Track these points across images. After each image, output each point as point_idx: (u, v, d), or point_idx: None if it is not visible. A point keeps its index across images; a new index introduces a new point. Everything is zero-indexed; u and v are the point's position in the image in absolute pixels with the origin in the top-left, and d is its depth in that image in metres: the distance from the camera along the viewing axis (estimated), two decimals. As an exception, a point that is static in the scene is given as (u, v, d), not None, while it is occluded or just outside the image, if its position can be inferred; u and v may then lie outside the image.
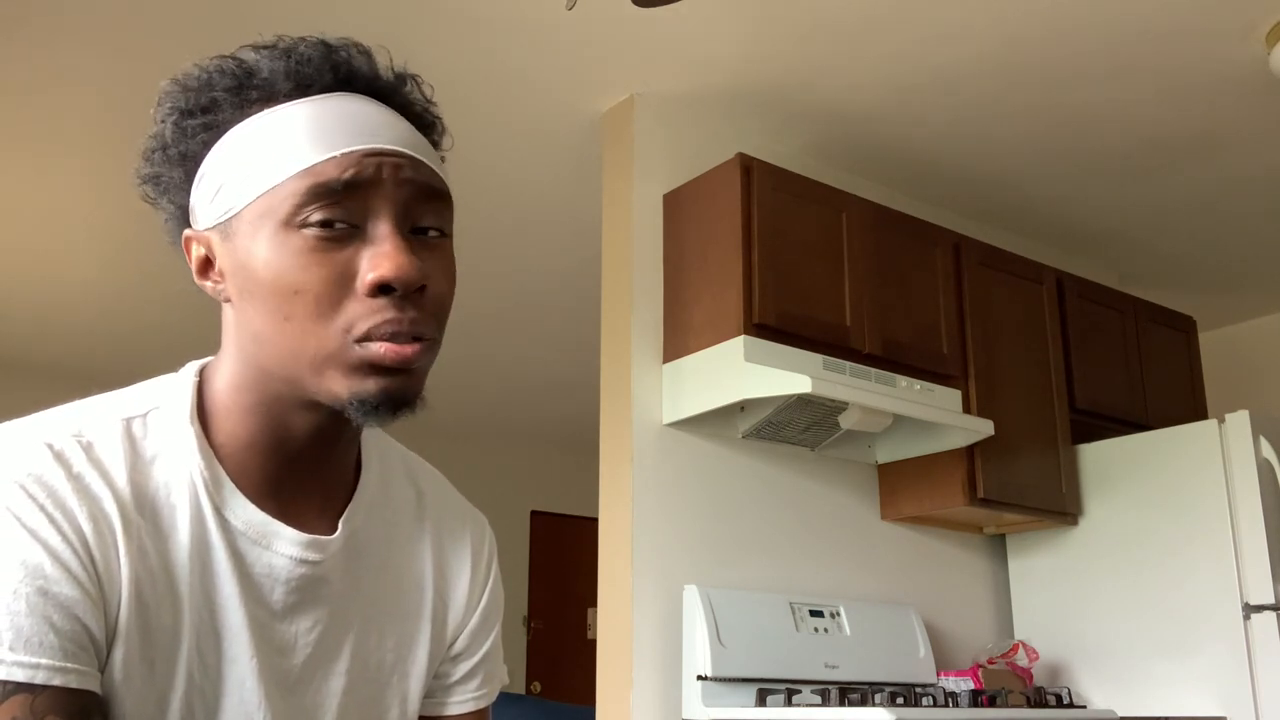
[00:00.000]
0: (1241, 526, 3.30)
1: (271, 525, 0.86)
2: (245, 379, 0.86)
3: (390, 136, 0.83)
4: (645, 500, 3.03)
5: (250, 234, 0.82)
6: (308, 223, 0.80)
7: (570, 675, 6.93)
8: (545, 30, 3.06)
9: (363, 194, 0.81)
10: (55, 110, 3.42)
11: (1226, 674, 3.26)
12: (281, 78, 0.83)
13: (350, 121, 0.82)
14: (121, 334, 5.29)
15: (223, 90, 0.84)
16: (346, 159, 0.81)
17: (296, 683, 0.89)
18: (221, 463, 0.86)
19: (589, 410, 3.71)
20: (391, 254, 0.80)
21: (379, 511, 0.96)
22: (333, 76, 0.85)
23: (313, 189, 0.80)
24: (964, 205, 4.10)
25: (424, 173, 0.85)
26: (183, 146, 0.85)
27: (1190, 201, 4.11)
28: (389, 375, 0.81)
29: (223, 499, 0.85)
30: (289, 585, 0.87)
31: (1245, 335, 5.32)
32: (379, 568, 0.95)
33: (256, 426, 0.86)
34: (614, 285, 3.28)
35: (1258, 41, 3.11)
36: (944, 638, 3.61)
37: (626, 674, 2.91)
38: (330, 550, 0.89)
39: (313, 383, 0.82)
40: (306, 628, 0.89)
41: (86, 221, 4.19)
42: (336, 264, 0.80)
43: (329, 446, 0.89)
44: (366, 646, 0.93)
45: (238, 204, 0.82)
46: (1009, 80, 3.31)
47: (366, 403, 0.81)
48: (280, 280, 0.80)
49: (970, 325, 3.53)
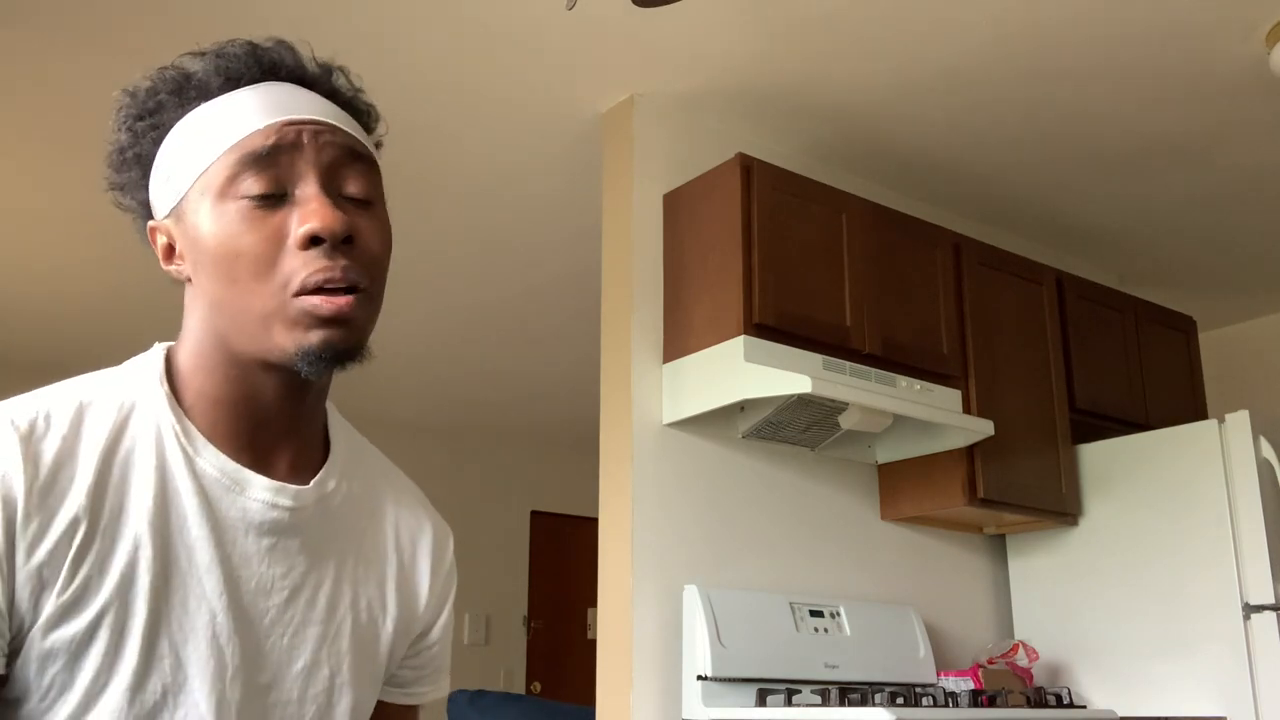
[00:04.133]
0: (1241, 526, 3.31)
1: (243, 472, 0.93)
2: (208, 345, 0.93)
3: (310, 109, 0.92)
4: (645, 500, 3.03)
5: (195, 210, 0.90)
6: (241, 193, 0.89)
7: (570, 675, 6.93)
8: (545, 30, 3.06)
9: (288, 159, 0.90)
10: (54, 110, 3.42)
11: (1226, 674, 3.26)
12: (213, 75, 0.93)
13: (274, 101, 0.92)
14: (120, 334, 5.29)
15: (166, 94, 0.94)
16: (269, 129, 0.90)
17: (273, 624, 0.94)
18: (193, 419, 0.93)
19: (589, 410, 3.71)
20: (318, 209, 0.88)
21: (352, 484, 1.02)
22: (259, 69, 0.94)
23: (241, 159, 0.89)
24: (964, 205, 4.10)
25: (344, 137, 0.93)
26: (137, 148, 0.95)
27: (1190, 201, 4.11)
28: (329, 326, 0.88)
29: (195, 449, 0.91)
30: (262, 529, 0.93)
31: (1245, 335, 5.32)
32: (351, 533, 1.01)
33: (223, 384, 0.93)
34: (614, 285, 3.28)
35: (1258, 41, 3.11)
36: (944, 638, 3.61)
37: (626, 674, 2.91)
38: (303, 500, 0.95)
39: (263, 340, 0.89)
40: (281, 572, 0.94)
41: (85, 221, 4.19)
42: (270, 226, 0.88)
43: (295, 405, 0.95)
44: (342, 602, 0.98)
45: (183, 186, 0.91)
46: (1009, 80, 3.31)
47: (309, 353, 0.88)
48: (223, 247, 0.89)
49: (970, 325, 3.53)
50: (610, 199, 3.38)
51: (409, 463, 5.30)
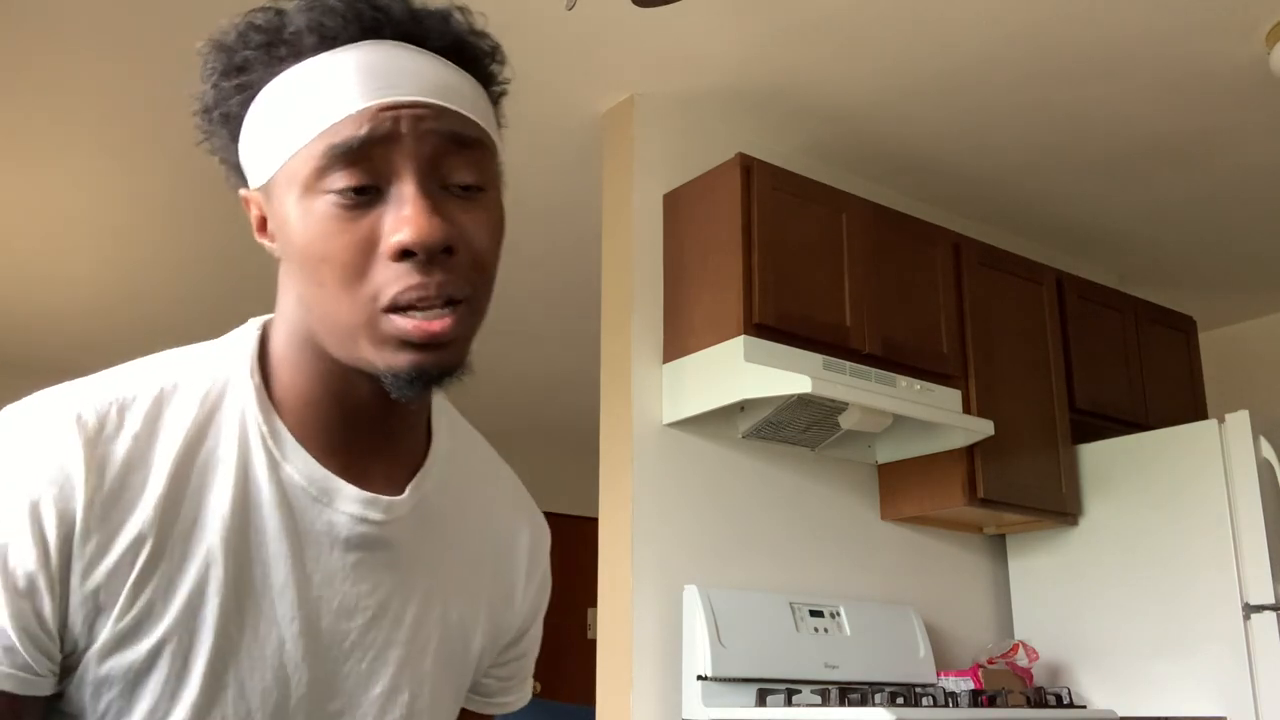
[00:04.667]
0: (1241, 526, 3.30)
1: (332, 481, 0.84)
2: (296, 335, 0.84)
3: (413, 84, 0.79)
4: (645, 500, 3.03)
5: (282, 198, 0.80)
6: (329, 189, 0.77)
7: (570, 675, 6.92)
8: (545, 30, 3.06)
9: (383, 151, 0.77)
10: (54, 110, 3.42)
11: (1226, 674, 3.26)
12: (305, 31, 0.79)
13: (370, 74, 0.78)
14: (120, 334, 5.29)
15: (255, 49, 0.81)
16: (361, 115, 0.77)
17: (354, 647, 0.86)
18: (283, 417, 0.84)
19: (589, 410, 3.71)
20: (412, 217, 0.76)
21: (450, 484, 0.93)
22: (359, 25, 0.80)
23: (329, 151, 0.77)
24: (964, 205, 4.10)
25: (451, 121, 0.80)
26: (223, 109, 0.83)
27: (1190, 201, 4.11)
28: (421, 350, 0.78)
29: (283, 452, 0.83)
30: (349, 544, 0.84)
31: (1245, 335, 5.32)
32: (446, 541, 0.92)
33: (316, 382, 0.84)
34: (614, 285, 3.28)
35: (1258, 41, 3.11)
36: (944, 638, 3.60)
37: (626, 674, 2.91)
38: (396, 513, 0.86)
39: (350, 350, 0.80)
40: (367, 590, 0.86)
41: (85, 221, 4.19)
42: (360, 229, 0.77)
43: (393, 410, 0.85)
44: (430, 617, 0.90)
45: (271, 168, 0.80)
46: (1009, 80, 3.30)
47: (400, 376, 0.78)
48: (310, 248, 0.78)
49: (970, 325, 3.53)
50: (610, 199, 3.38)
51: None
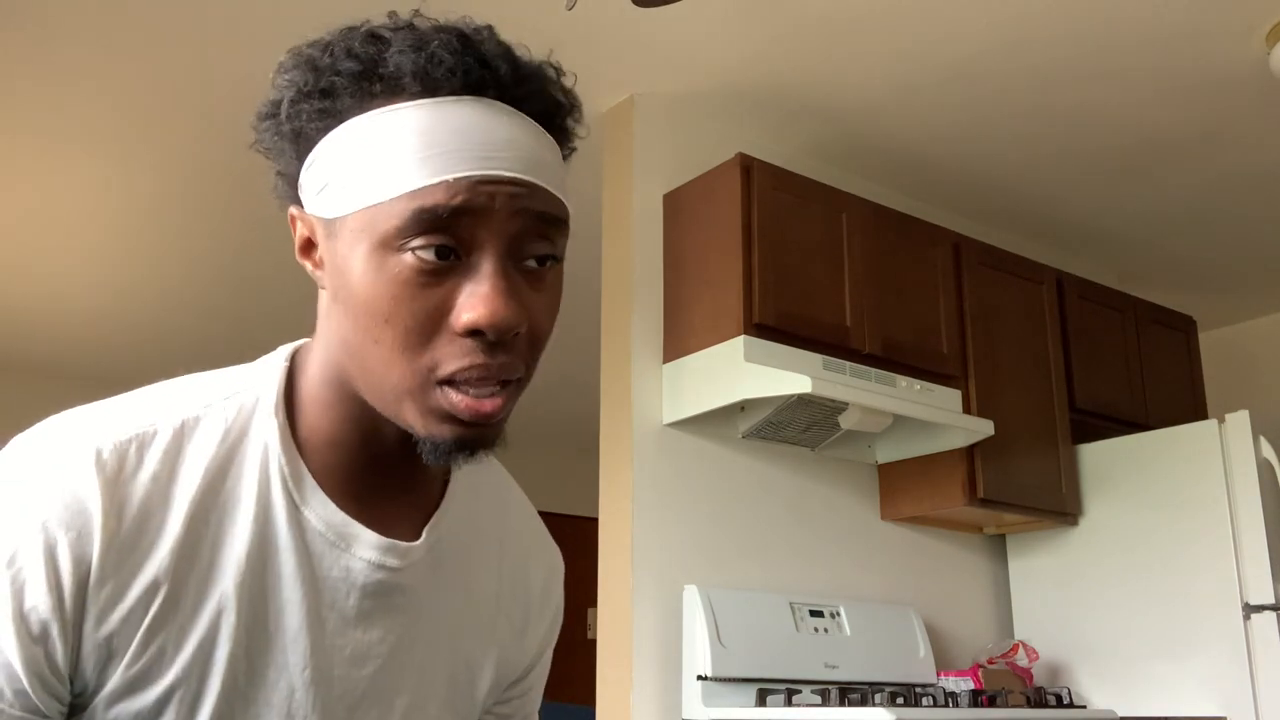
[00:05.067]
0: (1241, 526, 3.30)
1: (351, 527, 0.82)
2: (330, 375, 0.82)
3: (510, 159, 0.77)
4: (645, 500, 3.03)
5: (351, 243, 0.77)
6: (408, 248, 0.75)
7: (570, 675, 6.92)
8: (545, 30, 3.05)
9: (471, 223, 0.75)
10: (57, 110, 3.42)
11: (1226, 674, 3.25)
12: (409, 75, 0.76)
13: (469, 139, 0.75)
14: (121, 334, 5.29)
15: (346, 76, 0.77)
16: (458, 184, 0.74)
17: (362, 696, 0.84)
18: (305, 457, 0.82)
19: (589, 410, 3.71)
20: (490, 297, 0.75)
21: (463, 524, 0.92)
22: (463, 79, 0.77)
23: (417, 214, 0.74)
24: (964, 205, 4.10)
25: (541, 201, 0.78)
26: (297, 125, 0.79)
27: (1190, 201, 4.10)
28: (465, 426, 0.77)
29: (303, 496, 0.81)
30: (365, 591, 0.83)
31: (1245, 335, 5.32)
32: (457, 582, 0.91)
33: (342, 424, 0.83)
34: (614, 285, 3.28)
35: (1258, 41, 3.11)
36: (944, 638, 3.60)
37: (626, 674, 2.91)
38: (412, 558, 0.85)
39: (392, 408, 0.78)
40: (378, 638, 0.85)
41: (87, 221, 4.18)
42: (432, 297, 0.75)
43: (416, 456, 0.82)
44: (437, 662, 0.89)
45: (344, 209, 0.77)
46: (1009, 80, 3.30)
47: (439, 446, 0.77)
48: (373, 304, 0.76)
49: (970, 325, 3.53)
50: (610, 199, 3.38)
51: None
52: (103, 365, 5.68)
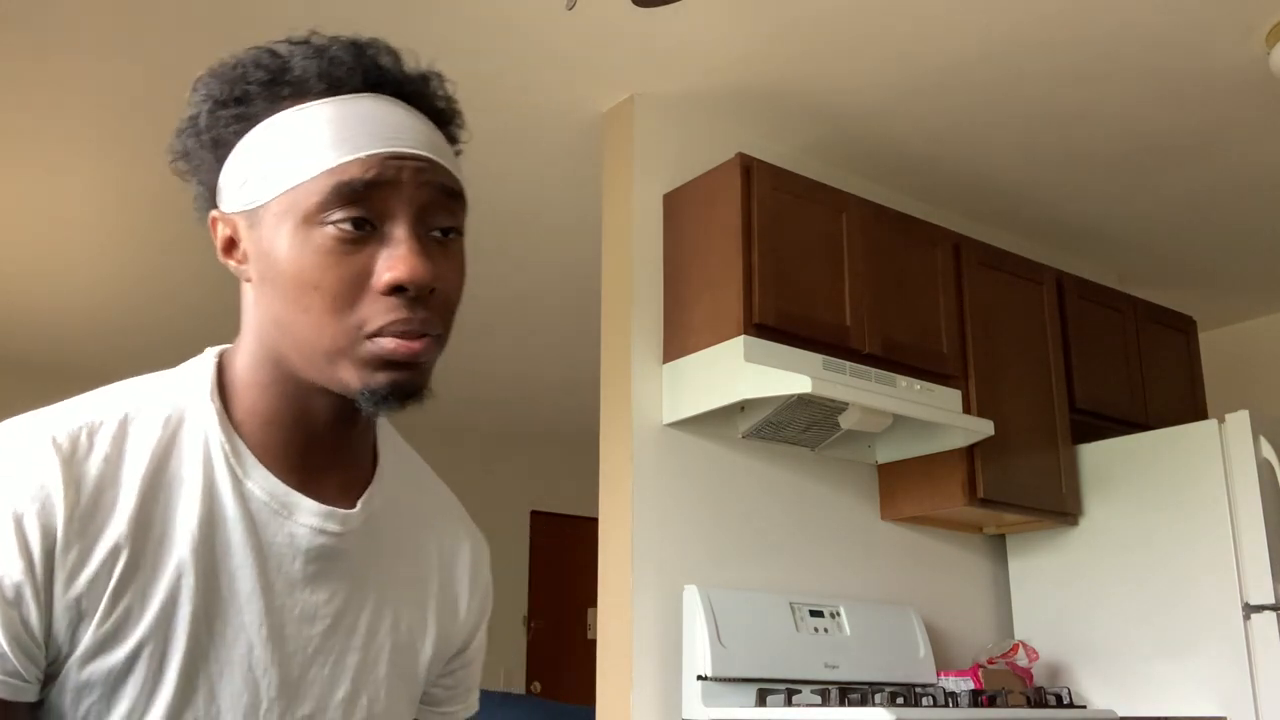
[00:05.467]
0: (1241, 526, 3.30)
1: (293, 496, 0.90)
2: (263, 357, 0.90)
3: (412, 139, 0.87)
4: (645, 500, 3.03)
5: (274, 226, 0.86)
6: (329, 221, 0.84)
7: (570, 675, 6.93)
8: (545, 30, 3.06)
9: (383, 195, 0.85)
10: (56, 111, 3.42)
11: (1226, 674, 3.26)
12: (314, 77, 0.87)
13: (375, 124, 0.86)
14: (119, 334, 5.29)
15: (256, 84, 0.87)
16: (370, 160, 0.84)
17: (316, 652, 0.91)
18: (243, 437, 0.90)
19: (589, 410, 3.71)
20: (407, 256, 0.84)
21: (397, 501, 0.99)
22: (362, 78, 0.88)
23: (336, 188, 0.84)
24: (964, 205, 4.10)
25: (442, 175, 0.88)
26: (215, 133, 0.89)
27: (1190, 201, 4.11)
28: (397, 369, 0.85)
29: (245, 470, 0.89)
30: (309, 555, 0.90)
31: (1245, 335, 5.32)
32: (394, 553, 0.98)
33: (276, 403, 0.90)
34: (614, 285, 3.28)
35: (1258, 41, 3.11)
36: (944, 638, 3.61)
37: (626, 674, 2.91)
38: (350, 524, 0.93)
39: (326, 371, 0.86)
40: (325, 598, 0.92)
41: (84, 221, 4.19)
42: (354, 263, 0.84)
43: (347, 428, 0.93)
44: (382, 626, 0.96)
45: (264, 196, 0.86)
46: (1009, 80, 3.31)
47: (376, 393, 0.85)
48: (301, 275, 0.85)
49: (970, 325, 3.53)
50: (610, 199, 3.38)
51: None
52: (101, 365, 5.68)
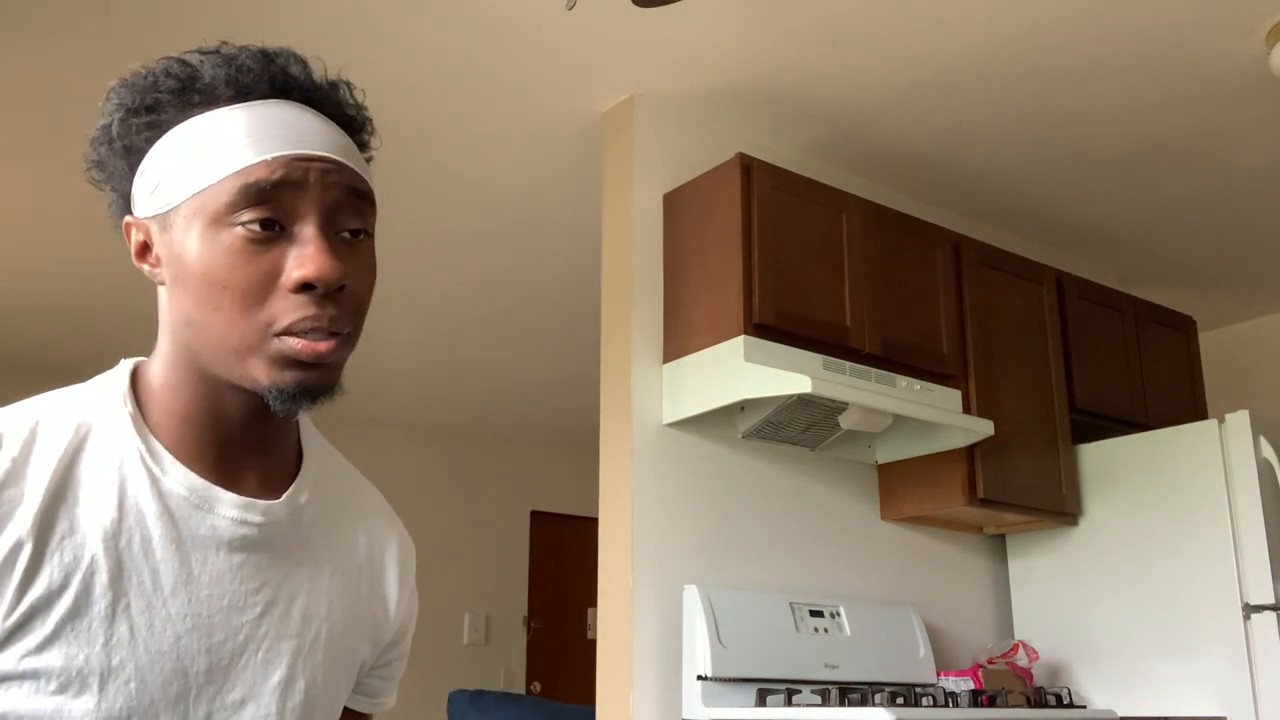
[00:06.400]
0: (1241, 526, 3.31)
1: (212, 490, 0.92)
2: (177, 358, 0.92)
3: (319, 142, 0.89)
4: (645, 500, 3.03)
5: (185, 228, 0.88)
6: (238, 222, 0.86)
7: (570, 675, 6.93)
8: (545, 30, 3.06)
9: (291, 196, 0.87)
10: (54, 110, 3.42)
11: (1226, 674, 3.26)
12: (223, 84, 0.89)
13: (283, 127, 0.88)
14: (117, 333, 5.29)
15: (167, 92, 0.90)
16: (276, 162, 0.87)
17: (248, 640, 0.93)
18: (159, 438, 0.92)
19: (589, 410, 3.71)
20: (315, 255, 0.86)
21: (323, 496, 1.01)
22: (270, 85, 0.90)
23: (244, 189, 0.86)
24: (964, 205, 4.10)
25: (349, 176, 0.90)
26: (127, 140, 0.91)
27: (1190, 201, 4.11)
28: (304, 369, 0.87)
29: (162, 468, 0.91)
30: (233, 545, 0.92)
31: (1245, 335, 5.32)
32: (323, 547, 1.00)
33: (191, 402, 0.92)
34: (614, 285, 3.28)
35: (1258, 41, 3.11)
36: (944, 638, 3.61)
37: (626, 674, 2.91)
38: (273, 515, 0.94)
39: (236, 368, 0.88)
40: (254, 588, 0.94)
41: (84, 221, 4.19)
42: (263, 262, 0.86)
43: (262, 424, 0.94)
44: (317, 615, 0.98)
45: (175, 199, 0.88)
46: (1009, 80, 3.31)
47: (284, 392, 0.87)
48: (210, 274, 0.87)
49: (970, 325, 3.53)
50: (610, 199, 3.38)
51: (408, 463, 5.32)
52: (94, 363, 5.67)
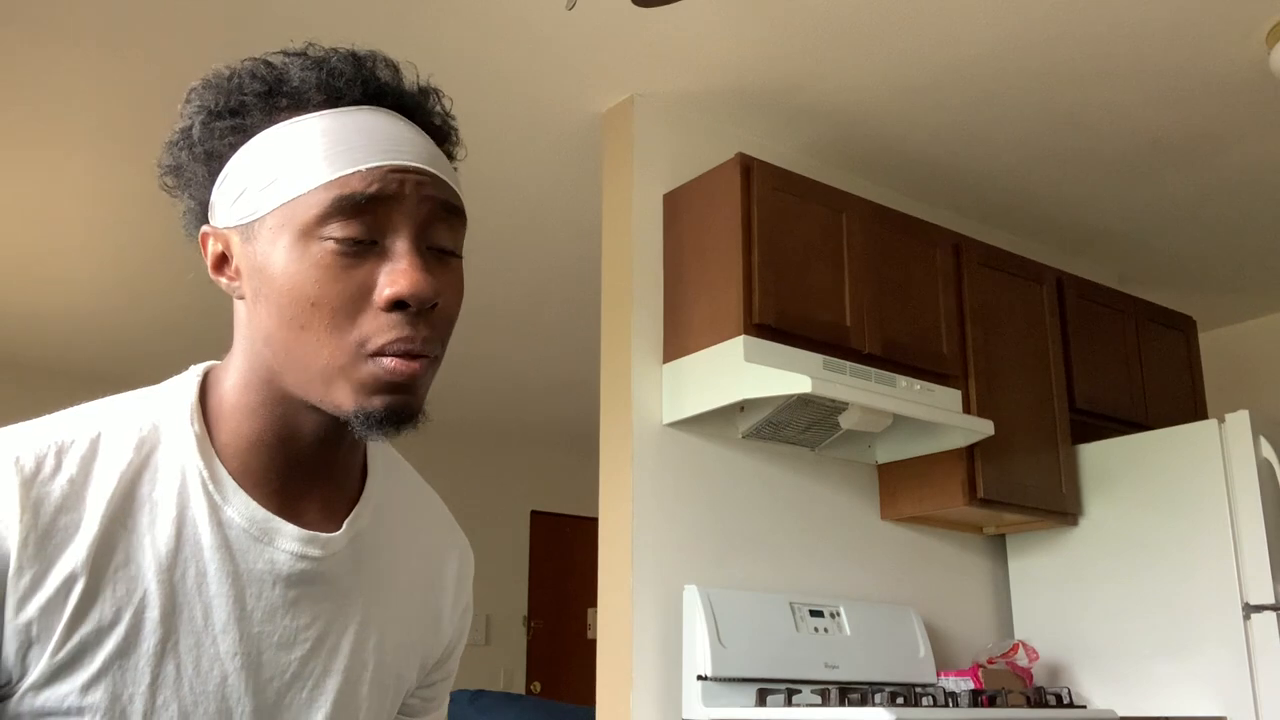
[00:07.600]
0: (1241, 526, 3.30)
1: (273, 521, 0.87)
2: (253, 378, 0.88)
3: (413, 153, 0.85)
4: (645, 500, 3.03)
5: (271, 240, 0.83)
6: (329, 235, 0.82)
7: (570, 675, 6.93)
8: (545, 31, 3.06)
9: (385, 209, 0.83)
10: (53, 110, 3.42)
11: (1226, 674, 3.26)
12: (312, 88, 0.85)
13: (376, 136, 0.84)
14: (116, 334, 5.29)
15: (252, 95, 0.85)
16: (371, 174, 0.82)
17: (294, 678, 0.89)
18: (224, 462, 0.87)
19: (589, 410, 3.71)
20: (409, 271, 0.82)
21: (384, 517, 0.97)
22: (361, 90, 0.86)
23: (336, 202, 0.81)
24: (964, 205, 4.10)
25: (443, 190, 0.86)
26: (209, 145, 0.86)
27: (1190, 201, 4.11)
28: (394, 393, 0.83)
29: (224, 496, 0.86)
30: (289, 581, 0.88)
31: (1245, 335, 5.32)
32: (382, 571, 0.96)
33: (262, 425, 0.88)
34: (614, 285, 3.28)
35: (1258, 41, 3.11)
36: (944, 638, 3.61)
37: (626, 674, 2.91)
38: (333, 548, 0.90)
39: (320, 391, 0.84)
40: (306, 623, 0.90)
41: (83, 221, 4.19)
42: (355, 278, 0.82)
43: (334, 448, 0.90)
44: (366, 648, 0.94)
45: (261, 209, 0.84)
46: (1009, 80, 3.31)
47: (371, 417, 0.83)
48: (298, 290, 0.82)
49: (970, 325, 3.53)
50: (610, 199, 3.38)
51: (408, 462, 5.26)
52: (100, 367, 5.68)
